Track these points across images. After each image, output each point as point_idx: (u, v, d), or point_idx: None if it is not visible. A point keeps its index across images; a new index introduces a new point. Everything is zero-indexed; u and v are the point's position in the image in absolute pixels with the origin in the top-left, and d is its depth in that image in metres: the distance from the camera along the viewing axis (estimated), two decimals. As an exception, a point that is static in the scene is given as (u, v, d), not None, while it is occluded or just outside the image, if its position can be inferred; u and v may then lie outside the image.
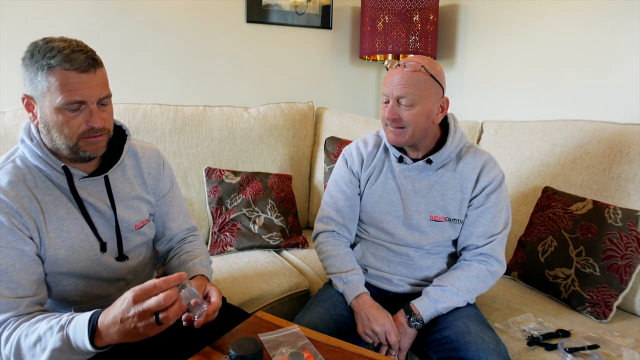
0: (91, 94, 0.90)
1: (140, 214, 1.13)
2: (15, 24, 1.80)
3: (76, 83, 0.88)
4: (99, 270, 1.06)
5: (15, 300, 0.89)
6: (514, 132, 1.79)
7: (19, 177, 0.95)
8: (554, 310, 1.37)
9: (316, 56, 2.54)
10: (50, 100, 0.89)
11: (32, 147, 0.95)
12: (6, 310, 0.88)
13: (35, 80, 0.89)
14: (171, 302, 0.77)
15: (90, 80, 0.90)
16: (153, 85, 2.12)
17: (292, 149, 2.13)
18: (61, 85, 0.87)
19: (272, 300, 1.54)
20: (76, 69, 0.88)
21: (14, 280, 0.90)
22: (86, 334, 0.79)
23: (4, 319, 0.88)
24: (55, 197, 0.98)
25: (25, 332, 0.85)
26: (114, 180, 1.08)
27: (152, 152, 1.18)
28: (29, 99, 0.93)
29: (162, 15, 2.09)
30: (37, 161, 0.96)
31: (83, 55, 0.89)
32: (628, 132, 1.48)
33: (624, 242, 1.32)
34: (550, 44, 1.93)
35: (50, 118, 0.91)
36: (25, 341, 0.84)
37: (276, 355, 0.92)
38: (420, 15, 2.16)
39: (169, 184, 1.22)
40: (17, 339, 0.85)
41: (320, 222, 1.40)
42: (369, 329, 1.18)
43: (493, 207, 1.25)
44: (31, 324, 0.86)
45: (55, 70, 0.87)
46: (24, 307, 0.90)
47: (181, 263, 1.18)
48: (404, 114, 1.18)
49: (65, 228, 0.99)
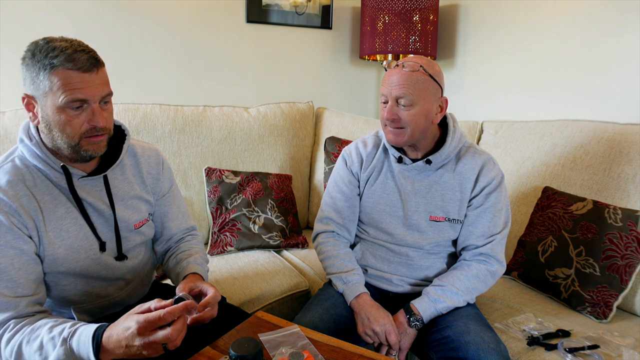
0: (93, 93, 0.91)
1: (140, 213, 1.13)
2: (15, 24, 1.80)
3: (79, 82, 0.89)
4: (98, 269, 1.06)
5: (14, 300, 0.89)
6: (514, 132, 1.79)
7: (18, 176, 0.95)
8: (554, 310, 1.37)
9: (316, 56, 2.54)
10: (52, 99, 0.89)
11: (31, 146, 0.95)
12: (6, 310, 0.88)
13: (37, 79, 0.89)
14: (178, 334, 0.79)
15: (92, 80, 0.90)
16: (153, 85, 2.12)
17: (292, 149, 2.13)
18: (64, 84, 0.88)
19: (272, 300, 1.54)
20: (79, 69, 0.88)
21: (13, 279, 0.90)
22: (91, 350, 0.80)
23: (4, 319, 0.88)
24: (54, 197, 0.98)
25: (27, 339, 0.85)
26: (113, 180, 1.08)
27: (152, 152, 1.18)
28: (30, 98, 0.93)
29: (162, 15, 2.09)
30: (36, 161, 0.96)
31: (85, 55, 0.90)
32: (628, 132, 1.48)
33: (624, 242, 1.32)
34: (550, 44, 1.93)
35: (52, 117, 0.91)
36: (26, 347, 0.84)
37: (276, 355, 0.92)
38: (420, 15, 2.16)
39: (168, 184, 1.22)
40: (18, 344, 0.85)
41: (320, 222, 1.40)
42: (369, 328, 1.18)
43: (492, 207, 1.25)
44: (33, 330, 0.86)
45: (58, 69, 0.87)
46: (23, 306, 0.90)
47: (177, 262, 1.18)
48: (403, 114, 1.18)
49: (64, 227, 0.99)
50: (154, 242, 1.26)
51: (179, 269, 1.15)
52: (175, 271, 1.17)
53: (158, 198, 1.20)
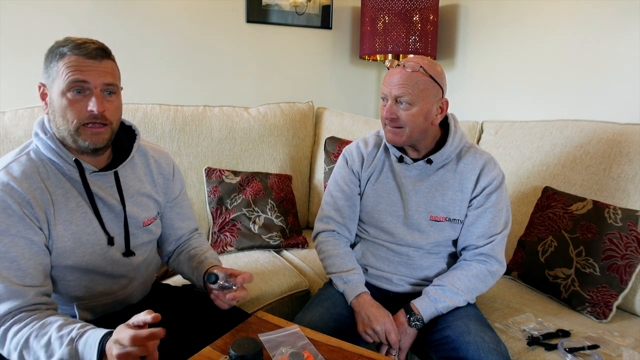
0: (94, 77, 0.94)
1: (148, 211, 1.15)
2: (15, 24, 1.80)
3: (82, 65, 0.93)
4: (104, 264, 1.07)
5: (23, 289, 0.91)
6: (514, 132, 1.79)
7: (33, 169, 0.97)
8: (554, 310, 1.37)
9: (316, 56, 2.54)
10: (58, 83, 0.94)
11: (46, 140, 0.98)
12: (14, 298, 0.90)
13: (49, 67, 0.95)
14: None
15: (96, 66, 0.95)
16: (153, 85, 2.12)
17: (292, 149, 2.13)
18: (68, 67, 0.93)
19: (272, 300, 1.54)
20: (84, 55, 0.94)
21: (23, 268, 0.92)
22: (95, 356, 0.82)
23: (12, 307, 0.89)
24: (66, 190, 1.00)
25: (35, 333, 0.87)
26: (124, 177, 1.10)
27: (162, 154, 1.23)
28: (43, 87, 0.98)
29: (162, 16, 2.09)
30: (51, 154, 0.99)
31: (93, 45, 0.96)
32: (628, 132, 1.48)
33: (624, 242, 1.32)
34: (550, 44, 1.93)
35: (56, 103, 0.95)
36: (34, 342, 0.86)
37: (276, 355, 0.92)
38: (420, 15, 2.16)
39: (180, 186, 1.27)
40: (26, 337, 0.87)
41: (320, 221, 1.40)
42: (369, 328, 1.18)
43: (493, 207, 1.25)
44: (43, 325, 0.88)
45: (66, 56, 0.93)
46: (31, 296, 0.92)
47: (191, 257, 1.23)
48: (402, 114, 1.18)
49: (74, 221, 1.01)
50: (163, 242, 1.29)
51: (195, 262, 1.20)
52: (189, 265, 1.21)
53: (170, 200, 1.24)
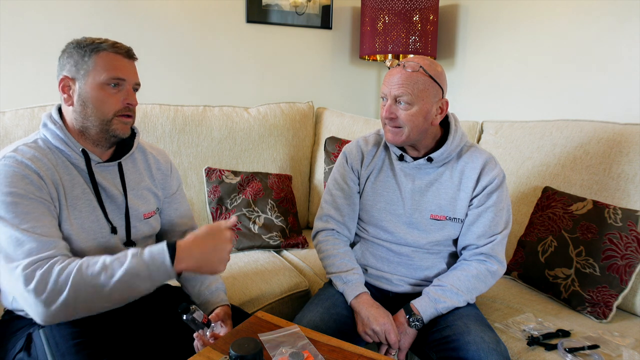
0: (130, 76, 1.06)
1: (149, 204, 1.19)
2: (15, 24, 1.80)
3: (120, 64, 1.04)
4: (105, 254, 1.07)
5: (54, 239, 0.93)
6: (514, 132, 1.79)
7: (42, 153, 1.01)
8: (554, 310, 1.37)
9: (316, 56, 2.54)
10: (94, 76, 1.01)
11: (54, 129, 1.03)
12: (47, 248, 0.90)
13: (81, 61, 1.01)
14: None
15: (130, 66, 1.07)
16: (153, 85, 2.12)
17: (292, 149, 2.13)
18: (107, 62, 1.02)
19: (272, 300, 1.54)
20: (121, 54, 1.04)
21: (48, 226, 0.94)
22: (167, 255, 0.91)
23: (49, 255, 0.90)
24: (72, 177, 1.04)
25: (86, 263, 0.89)
26: (126, 170, 1.15)
27: (160, 152, 1.29)
28: (68, 80, 1.03)
29: (162, 15, 2.09)
30: (58, 142, 1.03)
31: (125, 46, 1.07)
32: (628, 132, 1.48)
33: (624, 242, 1.32)
34: (550, 44, 1.93)
35: (90, 94, 1.01)
36: (87, 270, 0.88)
37: (276, 355, 0.92)
38: (420, 15, 2.16)
39: (177, 183, 1.31)
40: (77, 268, 0.88)
41: (319, 220, 1.40)
42: (369, 328, 1.18)
43: (494, 206, 1.25)
44: (89, 258, 0.91)
45: (103, 52, 1.02)
46: (62, 247, 0.94)
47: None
48: (401, 114, 1.18)
49: (79, 207, 1.04)
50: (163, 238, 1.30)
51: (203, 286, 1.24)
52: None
53: (168, 195, 1.27)
